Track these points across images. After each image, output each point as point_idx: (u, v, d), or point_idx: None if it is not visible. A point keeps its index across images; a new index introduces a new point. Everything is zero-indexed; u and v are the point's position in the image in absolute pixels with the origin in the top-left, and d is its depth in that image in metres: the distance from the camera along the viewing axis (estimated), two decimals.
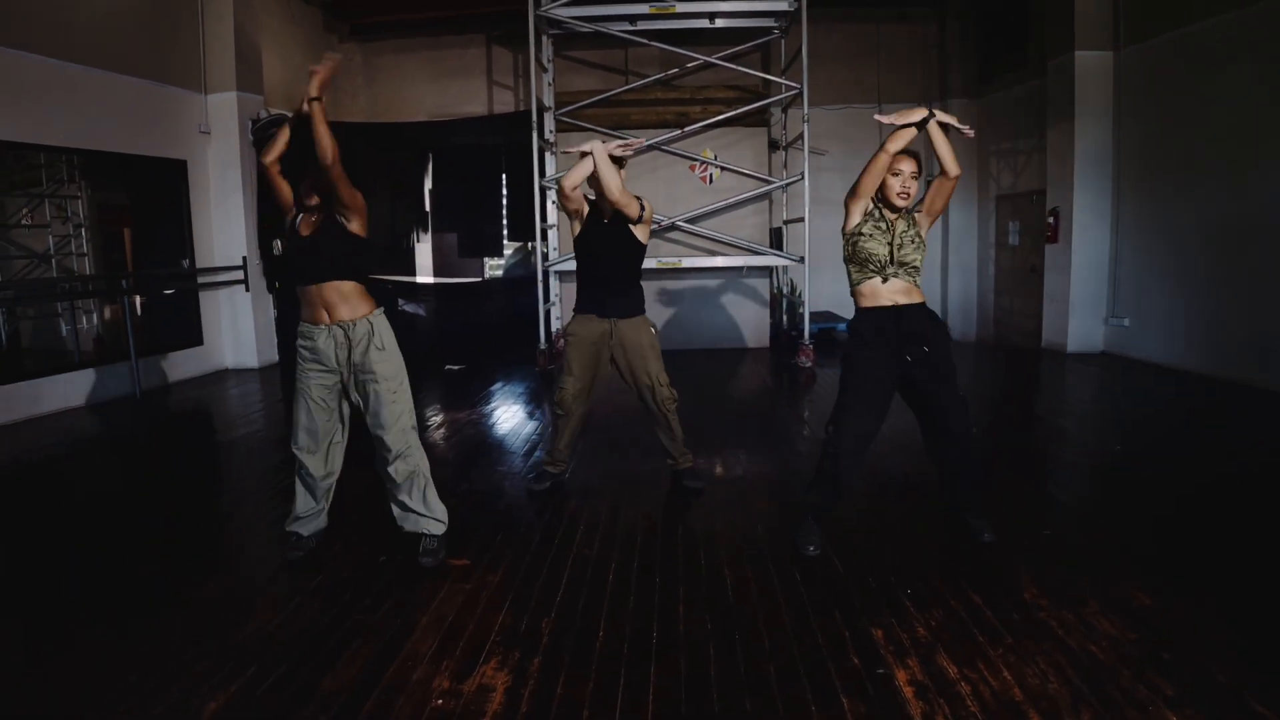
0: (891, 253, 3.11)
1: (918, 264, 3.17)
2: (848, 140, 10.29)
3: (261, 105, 8.56)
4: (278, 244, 8.68)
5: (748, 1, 8.12)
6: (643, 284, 4.03)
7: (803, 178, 7.85)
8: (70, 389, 6.77)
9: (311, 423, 3.19)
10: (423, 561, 3.19)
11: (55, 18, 6.61)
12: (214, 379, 8.14)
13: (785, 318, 9.55)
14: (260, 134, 3.14)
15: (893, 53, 10.53)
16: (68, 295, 7.73)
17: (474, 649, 2.56)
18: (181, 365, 8.10)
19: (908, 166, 3.12)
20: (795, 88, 7.88)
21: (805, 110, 7.77)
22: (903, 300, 3.13)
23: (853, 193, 3.15)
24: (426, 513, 3.23)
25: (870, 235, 3.14)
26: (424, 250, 9.69)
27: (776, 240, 9.41)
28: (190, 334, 8.27)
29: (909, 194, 3.13)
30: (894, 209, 3.15)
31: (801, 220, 7.99)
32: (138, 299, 8.03)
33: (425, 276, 9.67)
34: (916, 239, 3.17)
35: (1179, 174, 7.33)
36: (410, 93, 10.75)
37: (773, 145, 9.52)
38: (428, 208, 9.47)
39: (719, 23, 8.47)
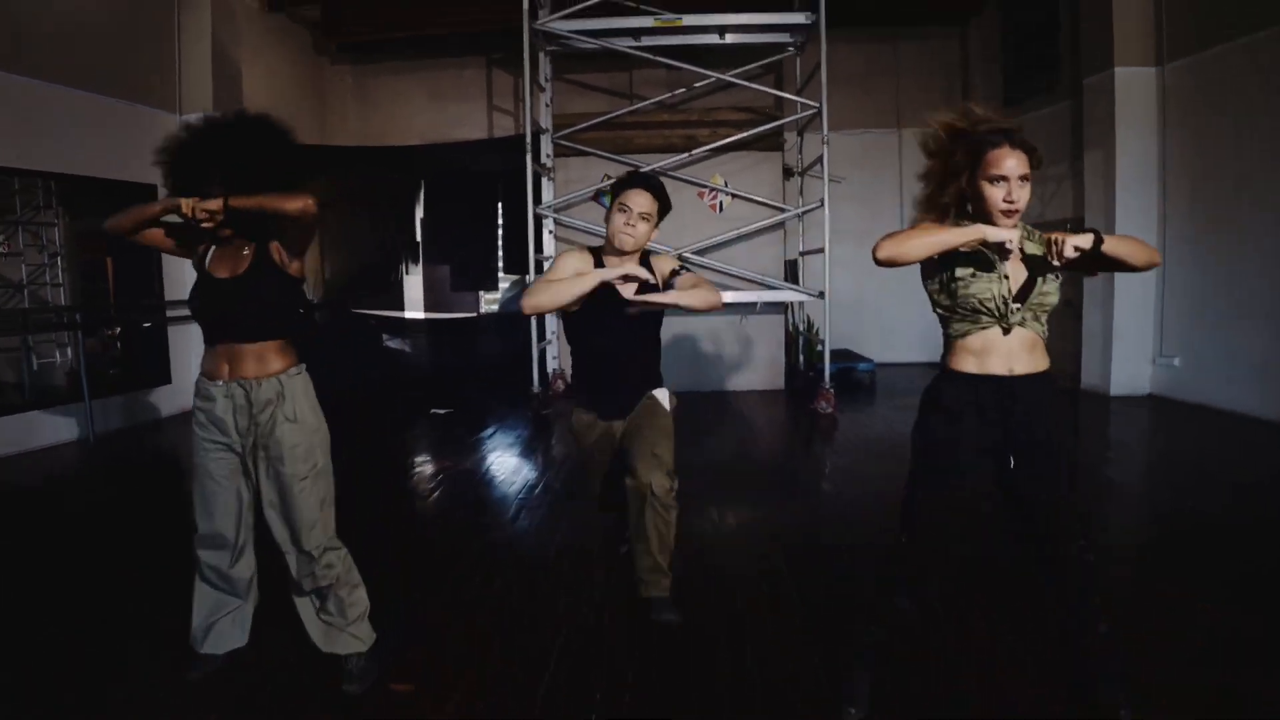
0: (1020, 290, 2.15)
1: (1055, 302, 2.19)
2: (866, 166, 9.75)
3: None
4: None
5: (761, 14, 7.54)
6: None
7: (822, 205, 7.20)
8: (13, 433, 6.12)
9: (214, 508, 2.50)
10: (347, 690, 2.47)
11: (23, 33, 6.16)
12: (181, 420, 7.46)
13: (802, 358, 8.86)
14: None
15: (912, 74, 10.05)
16: (17, 329, 7.14)
17: None
18: (147, 406, 7.46)
19: (1014, 164, 2.07)
20: (814, 107, 7.27)
21: (825, 130, 7.13)
22: (1020, 367, 2.16)
23: (892, 254, 2.10)
24: (348, 627, 2.54)
25: (973, 277, 2.15)
26: (414, 283, 9.07)
27: (792, 273, 8.77)
28: (158, 372, 7.64)
29: (1017, 206, 2.09)
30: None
31: (821, 251, 7.33)
32: (109, 332, 7.47)
33: (415, 311, 9.03)
34: (1055, 273, 2.18)
35: (1234, 198, 6.68)
36: (404, 116, 10.25)
37: (787, 172, 8.93)
38: (419, 237, 8.88)
39: (729, 38, 7.90)
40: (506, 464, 5.62)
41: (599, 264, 2.92)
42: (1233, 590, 3.16)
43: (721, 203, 8.48)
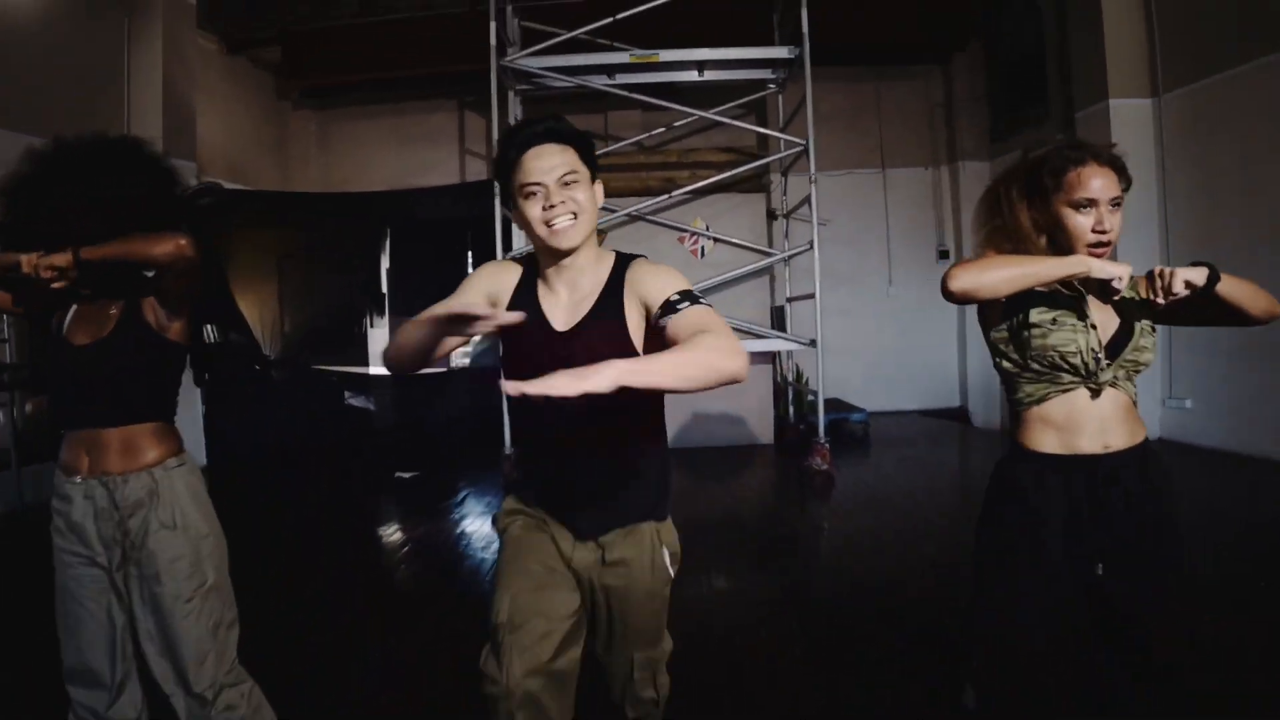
0: (1112, 342, 1.69)
1: (1152, 359, 1.73)
2: (851, 208, 9.38)
3: (194, 173, 7.56)
4: (210, 330, 7.66)
5: (741, 49, 7.19)
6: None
7: (811, 247, 6.77)
8: None
9: (80, 637, 1.95)
10: None
11: None
12: None
13: (791, 410, 8.36)
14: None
15: (895, 112, 9.77)
16: None
17: None
18: None
19: (1101, 184, 1.63)
20: (799, 144, 6.88)
21: (812, 169, 6.73)
22: (1118, 441, 1.68)
23: (969, 286, 1.58)
24: None
25: (1054, 324, 1.67)
26: (379, 336, 8.52)
27: (779, 320, 8.33)
28: None
29: (1110, 236, 1.65)
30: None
31: (811, 297, 6.87)
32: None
33: (380, 367, 8.50)
34: (1150, 323, 1.73)
35: (1241, 231, 6.36)
36: (370, 161, 9.84)
37: (771, 215, 8.55)
38: (385, 288, 8.40)
39: (708, 74, 7.54)
40: (480, 533, 5.09)
41: (531, 278, 1.76)
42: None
43: (703, 248, 8.08)
